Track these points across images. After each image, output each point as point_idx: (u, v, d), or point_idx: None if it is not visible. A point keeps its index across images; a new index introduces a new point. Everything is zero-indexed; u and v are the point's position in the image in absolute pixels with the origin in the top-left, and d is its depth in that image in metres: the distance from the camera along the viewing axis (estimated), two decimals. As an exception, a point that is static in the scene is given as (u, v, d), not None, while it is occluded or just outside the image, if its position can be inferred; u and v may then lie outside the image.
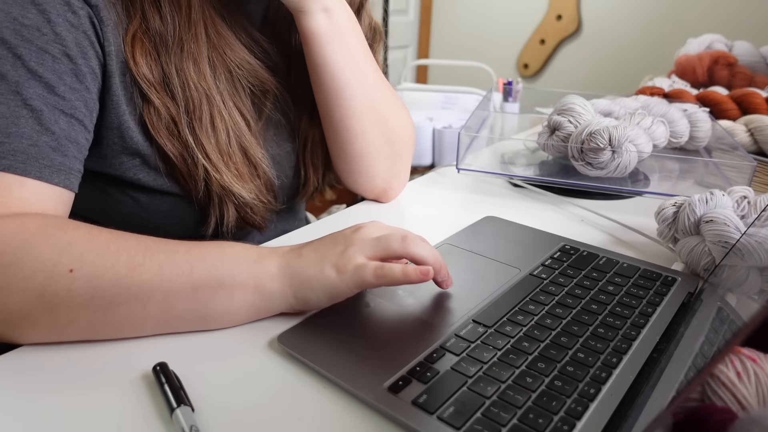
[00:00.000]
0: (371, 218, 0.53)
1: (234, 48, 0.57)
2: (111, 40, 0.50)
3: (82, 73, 0.48)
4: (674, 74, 1.28)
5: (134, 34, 0.51)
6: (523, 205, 0.72)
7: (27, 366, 0.39)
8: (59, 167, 0.46)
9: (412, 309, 0.46)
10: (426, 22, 2.92)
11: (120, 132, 0.52)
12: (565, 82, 2.54)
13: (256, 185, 0.58)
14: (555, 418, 0.34)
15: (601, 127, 0.72)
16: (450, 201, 0.73)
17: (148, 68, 0.51)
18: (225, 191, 0.55)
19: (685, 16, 2.14)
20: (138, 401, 0.36)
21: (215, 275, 0.42)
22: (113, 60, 0.50)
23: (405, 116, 0.68)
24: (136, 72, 0.51)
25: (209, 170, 0.54)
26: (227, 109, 0.55)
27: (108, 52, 0.50)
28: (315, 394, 0.37)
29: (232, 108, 0.56)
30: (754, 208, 0.57)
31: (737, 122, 0.94)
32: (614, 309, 0.46)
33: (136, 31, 0.51)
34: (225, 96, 0.56)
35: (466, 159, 0.81)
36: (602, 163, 0.72)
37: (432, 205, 0.72)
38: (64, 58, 0.47)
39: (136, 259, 0.41)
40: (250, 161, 0.57)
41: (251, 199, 0.57)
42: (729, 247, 0.52)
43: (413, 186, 0.78)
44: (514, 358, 0.40)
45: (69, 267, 0.39)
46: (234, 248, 0.44)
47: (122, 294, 0.40)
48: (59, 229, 0.41)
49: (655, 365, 0.40)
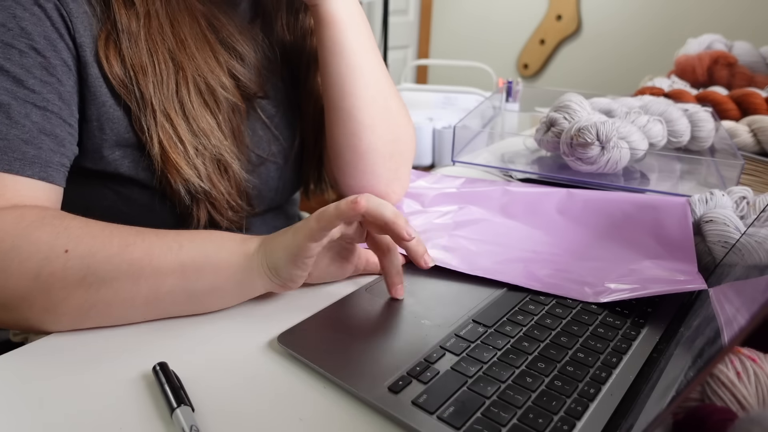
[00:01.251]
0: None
1: (209, 60, 0.56)
2: (82, 32, 0.49)
3: (52, 65, 0.47)
4: (674, 74, 1.28)
5: (108, 34, 0.51)
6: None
7: (27, 366, 0.39)
8: (32, 160, 0.46)
9: (412, 309, 0.46)
10: (426, 23, 2.92)
11: (100, 124, 0.51)
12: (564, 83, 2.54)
13: (225, 188, 0.57)
14: (555, 418, 0.34)
15: (589, 122, 0.72)
16: (450, 201, 0.73)
17: (119, 68, 0.51)
18: (196, 189, 0.55)
19: (685, 16, 2.14)
20: (138, 401, 0.36)
21: (202, 253, 0.44)
22: (87, 51, 0.50)
23: (408, 116, 0.69)
24: (108, 71, 0.50)
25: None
26: (197, 114, 0.55)
27: (80, 43, 0.49)
28: (315, 394, 0.37)
29: (203, 113, 0.55)
30: (753, 208, 0.57)
31: (740, 123, 0.94)
32: (614, 309, 0.46)
33: (109, 31, 0.51)
34: (194, 103, 0.55)
35: (465, 158, 0.81)
36: (591, 159, 0.72)
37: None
38: (31, 51, 0.46)
39: (128, 239, 0.43)
40: (220, 164, 0.56)
41: (222, 200, 0.57)
42: (729, 247, 0.52)
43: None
44: (514, 358, 0.40)
45: (64, 248, 0.41)
46: (221, 234, 0.47)
47: (114, 270, 0.42)
48: (56, 218, 0.43)
49: (655, 365, 0.40)
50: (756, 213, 0.56)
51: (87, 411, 0.35)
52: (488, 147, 0.91)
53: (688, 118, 0.84)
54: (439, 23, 2.90)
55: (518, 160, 0.85)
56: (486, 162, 0.83)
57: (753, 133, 0.91)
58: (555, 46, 2.52)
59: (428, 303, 0.47)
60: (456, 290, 0.49)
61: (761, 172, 0.83)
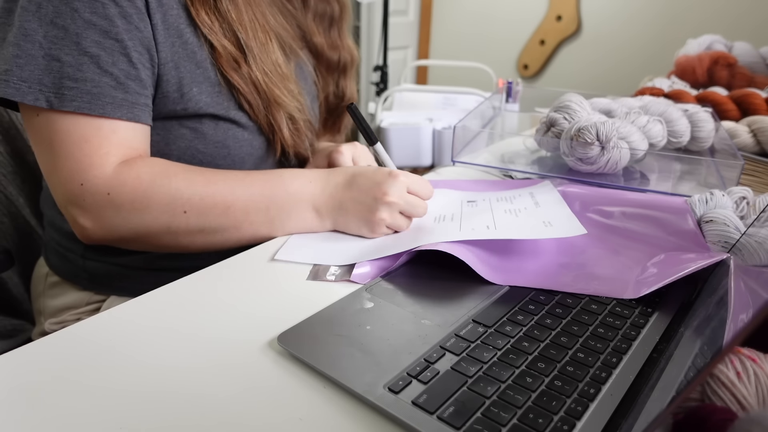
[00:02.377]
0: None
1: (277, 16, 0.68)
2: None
3: (128, 14, 0.54)
4: (674, 75, 1.28)
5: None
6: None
7: (27, 366, 0.39)
8: (121, 103, 0.54)
9: (412, 309, 0.46)
10: (426, 23, 2.92)
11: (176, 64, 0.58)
12: (564, 83, 2.54)
13: (297, 105, 0.66)
14: (555, 418, 0.34)
15: (589, 123, 0.72)
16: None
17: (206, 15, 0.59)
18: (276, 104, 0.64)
19: (685, 16, 2.14)
20: (138, 400, 0.36)
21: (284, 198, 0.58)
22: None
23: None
24: (196, 17, 0.58)
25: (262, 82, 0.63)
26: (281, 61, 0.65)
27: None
28: (315, 393, 0.37)
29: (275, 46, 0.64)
30: (753, 208, 0.57)
31: (740, 123, 0.94)
32: (614, 309, 0.46)
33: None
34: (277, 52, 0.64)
35: (465, 158, 0.81)
36: (591, 159, 0.72)
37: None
38: (111, 3, 0.53)
39: (227, 200, 0.56)
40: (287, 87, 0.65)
41: (299, 115, 0.66)
42: (729, 247, 0.52)
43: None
44: (514, 358, 0.40)
45: (183, 209, 0.55)
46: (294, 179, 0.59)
47: (223, 223, 0.56)
48: (165, 177, 0.55)
49: (655, 365, 0.40)
50: (756, 213, 0.56)
51: (87, 412, 0.35)
52: (488, 147, 0.91)
53: (688, 119, 0.84)
54: (439, 24, 2.90)
55: (518, 161, 0.85)
56: (486, 162, 0.83)
57: (753, 133, 0.91)
58: (555, 46, 2.52)
59: (428, 303, 0.47)
60: (456, 290, 0.49)
61: (761, 172, 0.83)
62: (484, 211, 0.62)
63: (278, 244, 0.58)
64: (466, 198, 0.68)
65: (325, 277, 0.52)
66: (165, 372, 0.39)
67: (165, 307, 0.47)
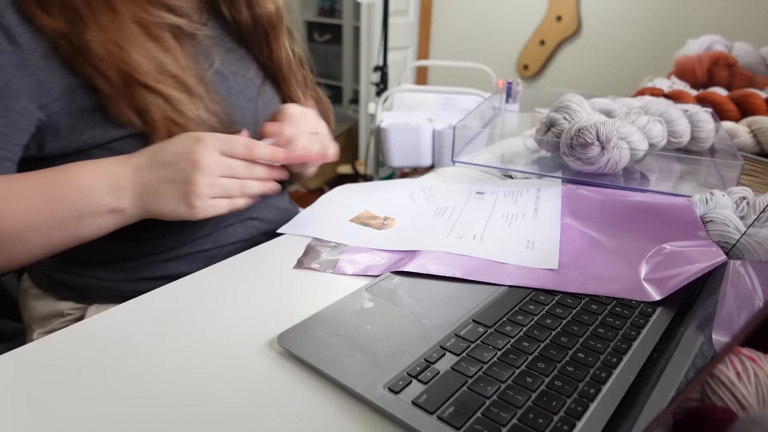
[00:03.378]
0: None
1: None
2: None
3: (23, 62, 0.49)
4: (674, 75, 1.28)
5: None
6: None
7: (27, 366, 0.39)
8: None
9: (412, 309, 0.46)
10: (426, 23, 2.92)
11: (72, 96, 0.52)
12: (564, 83, 2.54)
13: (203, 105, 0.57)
14: (555, 418, 0.34)
15: (590, 123, 0.72)
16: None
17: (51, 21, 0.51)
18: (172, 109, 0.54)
19: (685, 17, 2.14)
20: (136, 401, 0.36)
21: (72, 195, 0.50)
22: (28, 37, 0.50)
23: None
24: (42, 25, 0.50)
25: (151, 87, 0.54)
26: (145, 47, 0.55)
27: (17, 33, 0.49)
28: (315, 394, 0.37)
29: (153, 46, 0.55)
30: (753, 208, 0.58)
31: (740, 123, 0.94)
32: (614, 309, 0.46)
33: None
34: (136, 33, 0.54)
35: (465, 158, 0.81)
36: (591, 159, 0.72)
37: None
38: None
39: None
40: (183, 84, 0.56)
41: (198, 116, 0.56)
42: (729, 247, 0.52)
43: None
44: (514, 358, 0.40)
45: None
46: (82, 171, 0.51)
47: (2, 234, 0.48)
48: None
49: (655, 365, 0.40)
50: (756, 213, 0.56)
51: (87, 413, 0.35)
52: (488, 147, 0.91)
53: (688, 119, 0.84)
54: (439, 24, 2.90)
55: (518, 161, 0.85)
56: (486, 162, 0.83)
57: (753, 133, 0.91)
58: (555, 46, 2.52)
59: (428, 303, 0.47)
60: (456, 290, 0.49)
61: (761, 172, 0.83)
62: (484, 209, 0.64)
63: (279, 244, 0.58)
64: (476, 189, 0.71)
65: (310, 265, 0.54)
66: (165, 373, 0.39)
67: (165, 308, 0.47)
